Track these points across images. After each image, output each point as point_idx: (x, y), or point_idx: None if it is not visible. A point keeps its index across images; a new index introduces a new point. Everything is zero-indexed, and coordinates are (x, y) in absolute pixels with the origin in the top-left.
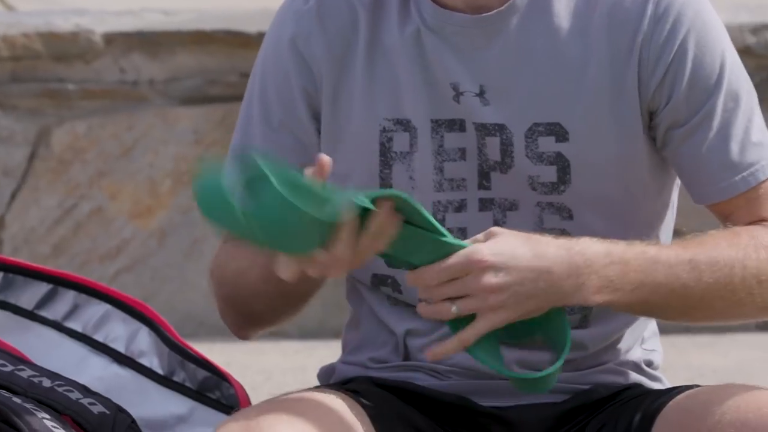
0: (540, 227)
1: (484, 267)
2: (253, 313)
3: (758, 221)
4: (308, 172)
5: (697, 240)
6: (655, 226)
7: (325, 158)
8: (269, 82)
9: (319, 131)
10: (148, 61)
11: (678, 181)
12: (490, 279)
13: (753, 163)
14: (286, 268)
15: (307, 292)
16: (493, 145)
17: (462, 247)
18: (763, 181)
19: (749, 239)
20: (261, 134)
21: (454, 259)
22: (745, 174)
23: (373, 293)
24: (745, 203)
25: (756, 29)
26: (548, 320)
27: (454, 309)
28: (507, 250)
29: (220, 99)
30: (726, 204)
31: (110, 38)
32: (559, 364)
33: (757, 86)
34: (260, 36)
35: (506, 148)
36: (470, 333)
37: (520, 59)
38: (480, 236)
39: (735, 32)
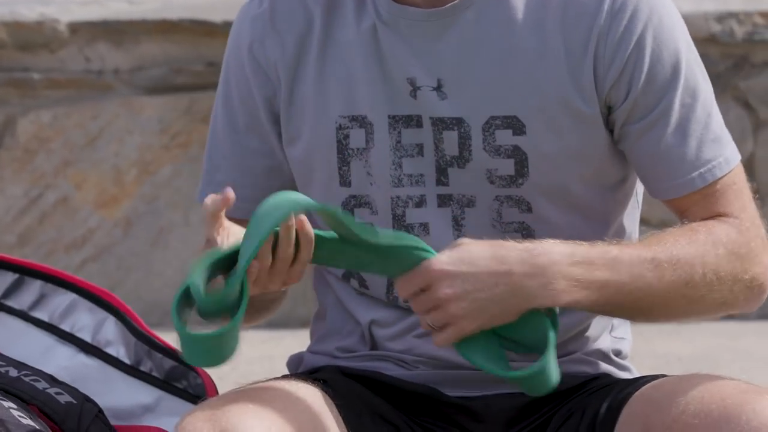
0: (499, 221)
1: (440, 277)
2: None
3: (714, 216)
4: (210, 199)
5: (657, 238)
6: (617, 216)
7: (230, 192)
8: (233, 87)
9: (280, 135)
10: (113, 50)
11: None
12: (447, 289)
13: (710, 160)
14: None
15: (270, 303)
16: (450, 139)
17: (423, 258)
18: (720, 178)
19: (707, 235)
20: (227, 137)
21: (414, 271)
22: (702, 171)
23: (341, 284)
24: (701, 199)
25: (721, 17)
26: (525, 323)
27: (428, 321)
28: (465, 257)
29: (186, 88)
30: (682, 200)
31: (75, 27)
32: (544, 361)
33: (721, 74)
34: (225, 25)
35: (464, 142)
36: (441, 339)
37: (475, 52)
38: (446, 249)
39: (700, 20)
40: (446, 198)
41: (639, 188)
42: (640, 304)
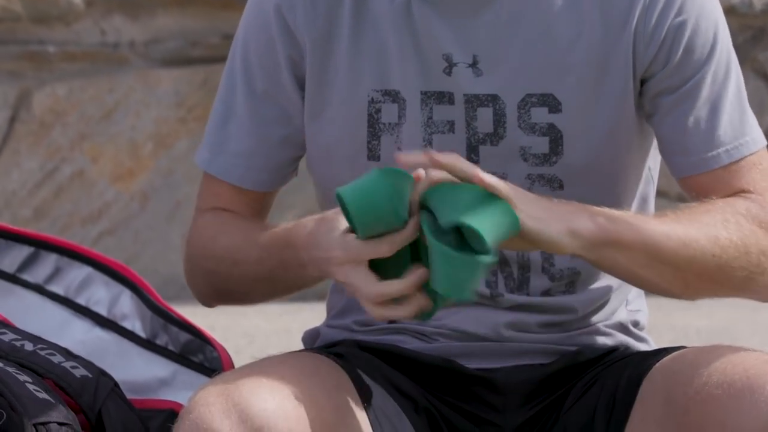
0: None
1: None
2: (231, 291)
3: (737, 193)
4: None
5: (671, 210)
6: (637, 192)
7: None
8: (252, 51)
9: (303, 99)
10: (129, 23)
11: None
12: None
13: (738, 137)
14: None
15: (297, 284)
16: (485, 116)
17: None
18: (746, 156)
19: (725, 205)
20: (244, 104)
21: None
22: (729, 147)
23: None
24: (725, 176)
25: None
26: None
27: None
28: None
29: (202, 61)
30: (706, 177)
31: (91, 0)
32: (487, 259)
33: (741, 46)
34: None
35: (499, 119)
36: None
37: (511, 28)
38: None
39: None
40: None
41: (653, 164)
42: (674, 259)
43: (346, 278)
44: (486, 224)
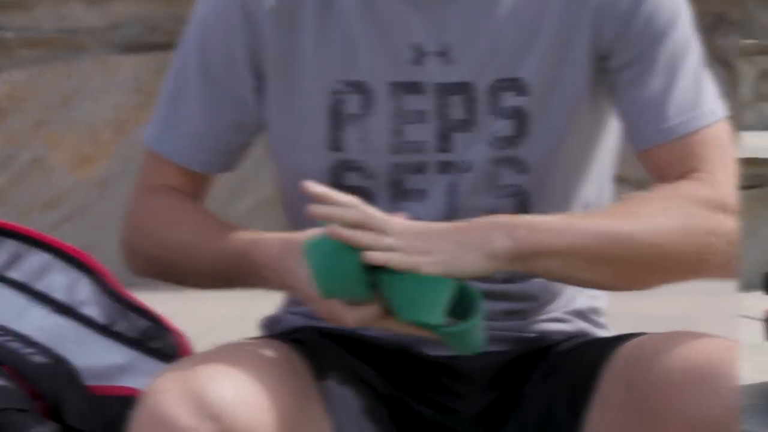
0: (496, 184)
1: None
2: (182, 279)
3: (688, 173)
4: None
5: (610, 203)
6: (599, 175)
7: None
8: (210, 35)
9: (259, 89)
10: (88, 8)
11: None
12: None
13: (694, 109)
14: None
15: (254, 287)
16: (456, 104)
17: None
18: (702, 128)
19: (671, 191)
20: (197, 87)
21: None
22: (684, 119)
23: None
24: (681, 150)
25: None
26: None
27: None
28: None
29: (160, 47)
30: (661, 150)
31: None
32: (473, 322)
33: (700, 32)
34: None
35: (471, 105)
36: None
37: (482, 15)
38: None
39: None
40: (446, 165)
41: (612, 146)
42: (610, 257)
43: (327, 313)
44: (433, 309)
